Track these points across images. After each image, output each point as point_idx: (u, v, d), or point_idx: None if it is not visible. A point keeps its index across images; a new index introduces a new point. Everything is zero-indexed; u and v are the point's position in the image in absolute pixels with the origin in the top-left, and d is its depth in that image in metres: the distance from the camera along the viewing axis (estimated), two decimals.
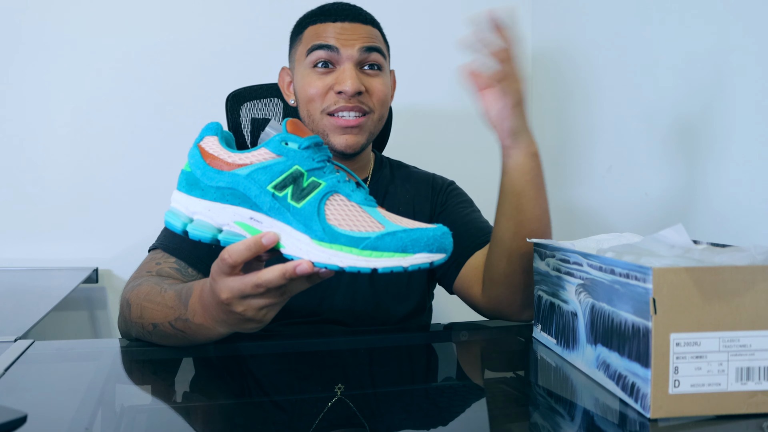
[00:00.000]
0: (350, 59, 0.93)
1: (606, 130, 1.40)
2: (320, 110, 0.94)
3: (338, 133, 0.94)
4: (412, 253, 0.58)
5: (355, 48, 0.93)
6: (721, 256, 0.60)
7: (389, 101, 1.00)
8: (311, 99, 0.94)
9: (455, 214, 1.04)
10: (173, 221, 0.64)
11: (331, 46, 0.93)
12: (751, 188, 0.98)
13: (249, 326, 0.67)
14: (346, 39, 0.93)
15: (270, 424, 0.61)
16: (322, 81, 0.94)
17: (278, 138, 0.63)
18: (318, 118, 0.95)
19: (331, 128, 0.94)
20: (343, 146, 0.95)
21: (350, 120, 0.94)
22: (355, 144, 0.95)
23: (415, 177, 1.11)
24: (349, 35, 0.94)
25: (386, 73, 0.99)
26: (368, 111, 0.95)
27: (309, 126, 0.96)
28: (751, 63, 0.98)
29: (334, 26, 0.94)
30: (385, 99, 0.98)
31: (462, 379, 0.77)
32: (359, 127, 0.95)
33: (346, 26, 0.94)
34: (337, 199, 0.62)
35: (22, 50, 1.51)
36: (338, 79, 0.93)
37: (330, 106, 0.93)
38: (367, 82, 0.95)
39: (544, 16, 1.71)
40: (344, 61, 0.93)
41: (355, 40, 0.94)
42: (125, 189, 1.57)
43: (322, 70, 0.94)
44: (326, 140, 0.95)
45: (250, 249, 0.61)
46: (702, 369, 0.57)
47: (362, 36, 0.94)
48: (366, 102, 0.95)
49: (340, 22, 0.94)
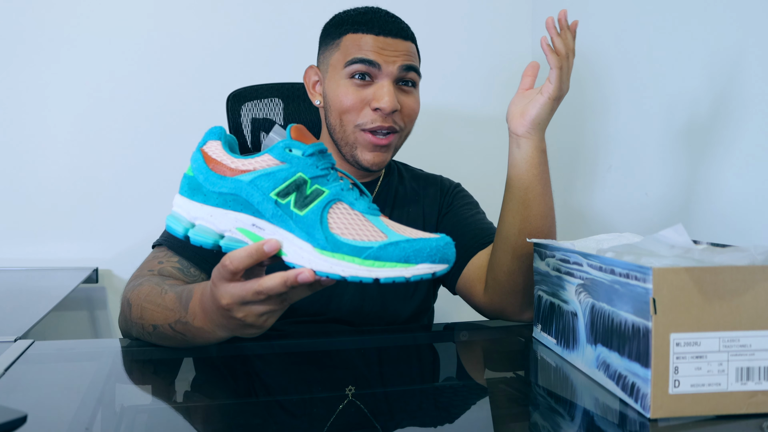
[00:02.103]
0: (389, 76, 0.93)
1: (606, 130, 1.40)
2: (354, 123, 0.94)
3: (368, 149, 0.94)
4: (414, 263, 0.58)
5: (395, 66, 0.93)
6: (721, 256, 0.60)
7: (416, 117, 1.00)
8: (346, 110, 0.94)
9: (460, 215, 1.05)
10: (175, 226, 0.64)
11: (372, 62, 0.92)
12: (751, 188, 0.98)
13: (249, 332, 0.67)
14: (387, 55, 0.93)
15: (272, 424, 0.61)
16: (359, 94, 0.93)
17: (282, 144, 0.63)
18: (351, 131, 0.95)
19: (363, 143, 0.94)
20: (370, 163, 0.95)
21: (382, 139, 0.94)
22: (381, 162, 0.96)
23: (422, 179, 1.12)
24: (391, 51, 0.93)
25: (418, 89, 0.99)
26: (398, 129, 0.96)
27: (337, 132, 0.96)
28: (752, 63, 0.98)
29: (376, 39, 0.93)
30: (415, 116, 0.99)
31: (462, 379, 0.77)
32: (388, 146, 0.95)
33: (389, 41, 0.93)
34: (341, 207, 0.62)
35: (23, 50, 1.51)
36: (376, 96, 0.93)
37: (367, 123, 0.93)
38: (402, 99, 0.95)
39: (544, 16, 1.70)
40: (383, 77, 0.93)
41: (397, 57, 0.93)
42: (125, 189, 1.57)
43: (360, 82, 0.93)
44: (351, 152, 0.95)
45: (252, 256, 0.60)
46: (702, 369, 0.57)
47: (403, 53, 0.94)
48: (398, 120, 0.95)
49: (383, 36, 0.93)
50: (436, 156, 1.62)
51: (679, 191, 1.14)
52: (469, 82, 1.73)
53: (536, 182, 0.85)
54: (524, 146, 0.85)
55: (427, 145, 1.68)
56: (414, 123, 1.00)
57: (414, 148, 1.50)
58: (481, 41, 1.73)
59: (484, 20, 1.74)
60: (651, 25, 1.22)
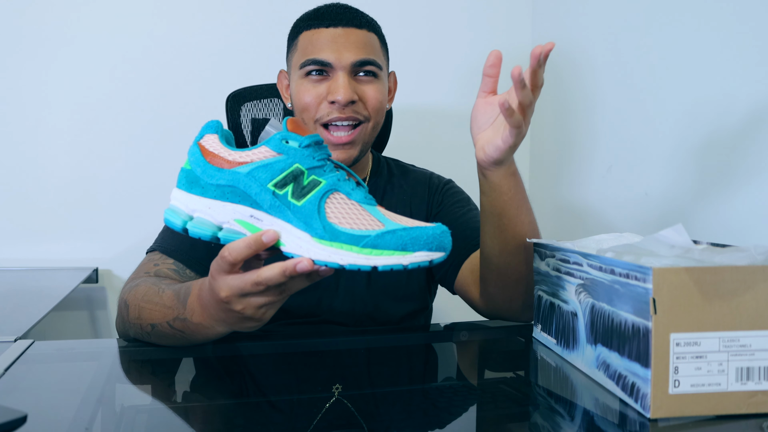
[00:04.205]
0: (344, 69, 0.92)
1: (606, 130, 1.40)
2: (314, 120, 0.94)
3: (330, 149, 0.93)
4: (411, 251, 0.58)
5: (348, 60, 0.92)
6: (721, 256, 0.60)
7: (385, 107, 0.99)
8: (305, 107, 0.94)
9: (451, 215, 1.04)
10: (173, 219, 0.64)
11: (323, 62, 0.92)
12: (751, 188, 0.98)
13: (248, 325, 0.67)
14: (341, 46, 0.92)
15: (269, 424, 0.61)
16: (316, 90, 0.93)
17: (279, 136, 0.63)
18: (312, 127, 0.94)
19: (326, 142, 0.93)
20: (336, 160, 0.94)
21: (342, 137, 0.93)
22: (347, 159, 0.95)
23: (412, 177, 1.10)
24: (342, 42, 0.92)
25: (382, 78, 0.97)
26: (363, 120, 0.94)
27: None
28: (751, 63, 0.98)
29: (327, 32, 0.93)
30: (380, 106, 0.97)
31: (462, 379, 0.77)
32: (351, 143, 0.94)
33: (339, 32, 0.93)
34: (338, 197, 0.62)
35: (22, 50, 1.51)
36: (331, 89, 0.92)
37: (324, 116, 0.93)
38: (361, 89, 0.94)
39: (544, 16, 1.71)
40: (338, 70, 0.92)
41: (349, 50, 0.92)
42: (125, 189, 1.57)
43: (316, 78, 0.93)
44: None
45: (250, 247, 0.61)
46: (702, 369, 0.57)
47: (357, 44, 0.93)
48: (360, 111, 0.94)
49: (333, 27, 0.93)
50: (435, 156, 1.62)
51: (679, 191, 1.14)
52: (470, 81, 1.73)
53: (508, 206, 0.82)
54: (490, 177, 0.80)
55: (426, 145, 1.68)
56: (382, 113, 0.98)
57: (413, 147, 1.50)
58: (481, 41, 1.73)
59: (483, 19, 1.74)
60: (651, 23, 1.22)
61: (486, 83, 0.79)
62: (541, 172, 1.70)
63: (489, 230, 0.85)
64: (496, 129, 0.77)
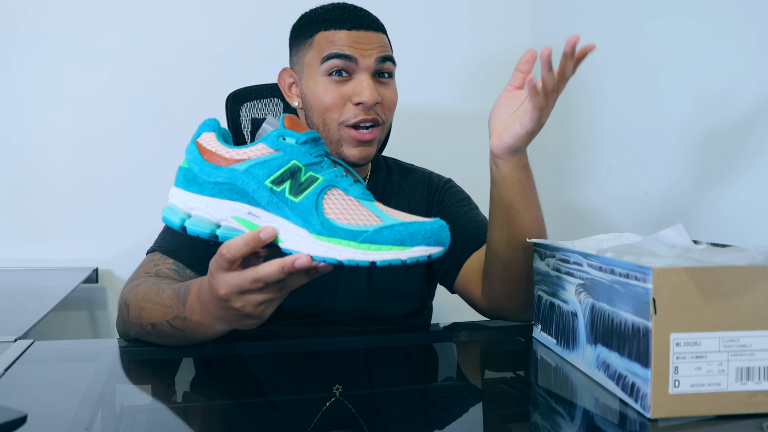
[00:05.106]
0: (367, 69, 0.92)
1: (606, 130, 1.40)
2: (338, 121, 0.93)
3: (353, 146, 0.93)
4: (410, 246, 0.58)
5: (372, 58, 0.92)
6: (721, 256, 0.60)
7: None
8: (328, 108, 0.93)
9: (452, 214, 1.04)
10: (171, 217, 0.64)
11: (349, 56, 0.91)
12: (751, 188, 0.98)
13: (247, 322, 0.68)
14: (363, 49, 0.92)
15: (269, 424, 0.61)
16: (339, 91, 0.92)
17: (276, 133, 0.63)
18: (335, 129, 0.93)
19: (348, 140, 0.93)
20: (357, 158, 0.94)
21: (366, 134, 0.93)
22: (367, 156, 0.95)
23: (411, 177, 1.10)
24: (365, 44, 0.92)
25: (395, 79, 0.99)
26: (381, 122, 0.95)
27: (322, 133, 0.95)
28: (752, 63, 0.98)
29: (348, 34, 0.92)
30: (394, 107, 0.98)
31: (462, 380, 0.77)
32: (372, 141, 0.95)
33: (361, 35, 0.93)
34: (335, 193, 0.62)
35: (22, 50, 1.51)
36: (356, 91, 0.92)
37: (350, 118, 0.92)
38: (381, 91, 0.94)
39: (544, 16, 1.71)
40: (361, 71, 0.92)
41: (372, 50, 0.93)
42: (125, 189, 1.57)
43: (338, 79, 0.93)
44: (337, 149, 0.94)
45: (249, 244, 0.61)
46: (702, 369, 0.57)
47: (377, 45, 0.93)
48: (380, 113, 0.95)
49: (355, 30, 0.93)
50: (435, 156, 1.62)
51: (680, 191, 1.14)
52: (470, 81, 1.73)
53: (518, 199, 0.83)
54: (502, 167, 0.82)
55: (426, 145, 1.68)
56: (393, 113, 0.99)
57: (413, 147, 1.50)
58: (481, 41, 1.73)
59: (483, 19, 1.74)
60: (652, 23, 1.22)
61: (516, 78, 0.82)
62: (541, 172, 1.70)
63: (497, 222, 0.85)
64: (516, 117, 0.79)
